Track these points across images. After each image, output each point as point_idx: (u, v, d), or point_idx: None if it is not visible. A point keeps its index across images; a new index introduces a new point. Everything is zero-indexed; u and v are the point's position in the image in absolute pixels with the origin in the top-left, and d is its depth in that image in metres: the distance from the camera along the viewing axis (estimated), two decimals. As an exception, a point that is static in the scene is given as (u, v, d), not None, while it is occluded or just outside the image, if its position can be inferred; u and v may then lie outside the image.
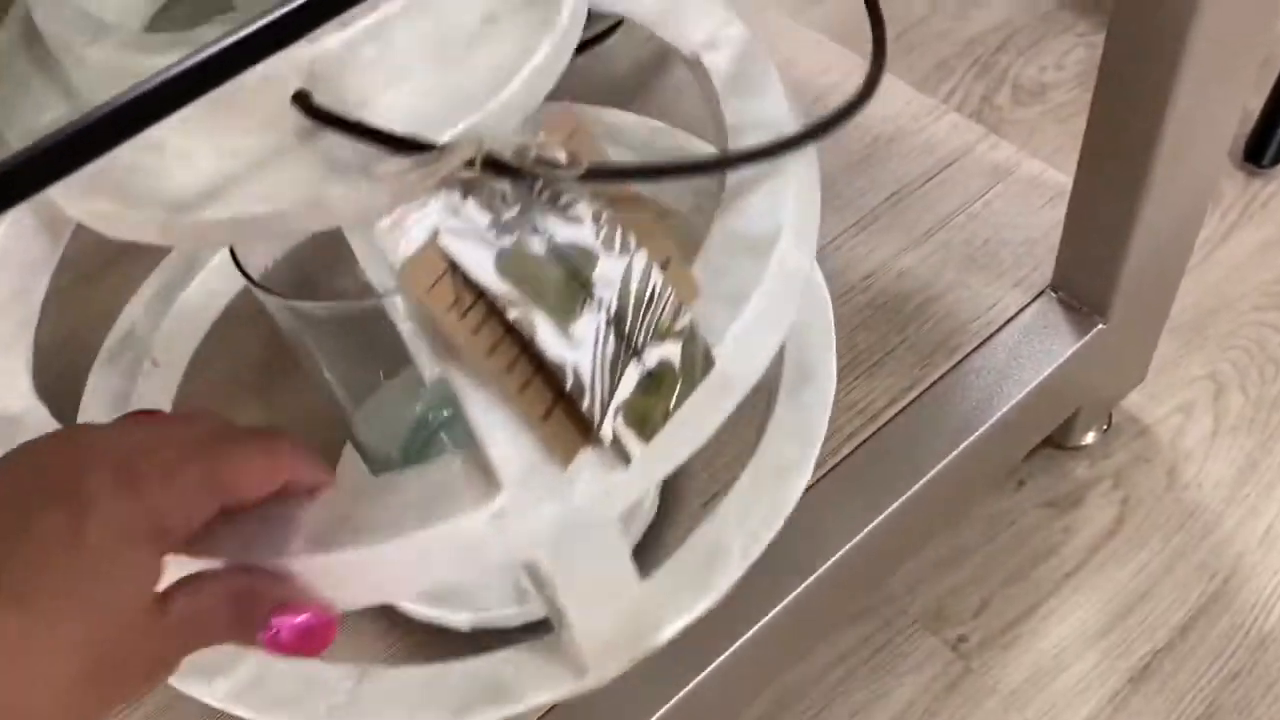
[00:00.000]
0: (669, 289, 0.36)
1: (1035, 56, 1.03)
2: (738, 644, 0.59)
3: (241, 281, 0.47)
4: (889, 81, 0.84)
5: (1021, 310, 0.68)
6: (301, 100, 0.34)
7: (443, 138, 0.34)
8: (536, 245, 0.34)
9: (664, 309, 0.36)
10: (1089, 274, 0.66)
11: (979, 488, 0.75)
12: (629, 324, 0.35)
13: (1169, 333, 0.81)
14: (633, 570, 0.46)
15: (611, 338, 0.35)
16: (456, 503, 0.39)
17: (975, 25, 1.06)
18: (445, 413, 0.57)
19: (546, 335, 0.34)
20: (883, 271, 0.69)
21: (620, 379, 0.35)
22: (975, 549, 0.76)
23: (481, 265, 0.33)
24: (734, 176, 0.43)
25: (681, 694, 0.58)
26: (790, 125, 0.45)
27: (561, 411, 0.35)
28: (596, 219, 0.35)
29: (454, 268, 0.33)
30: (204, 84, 0.29)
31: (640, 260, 0.35)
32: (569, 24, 0.39)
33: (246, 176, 0.36)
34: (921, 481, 0.63)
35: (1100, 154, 0.61)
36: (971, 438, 0.64)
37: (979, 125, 0.78)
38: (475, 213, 0.34)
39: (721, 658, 0.59)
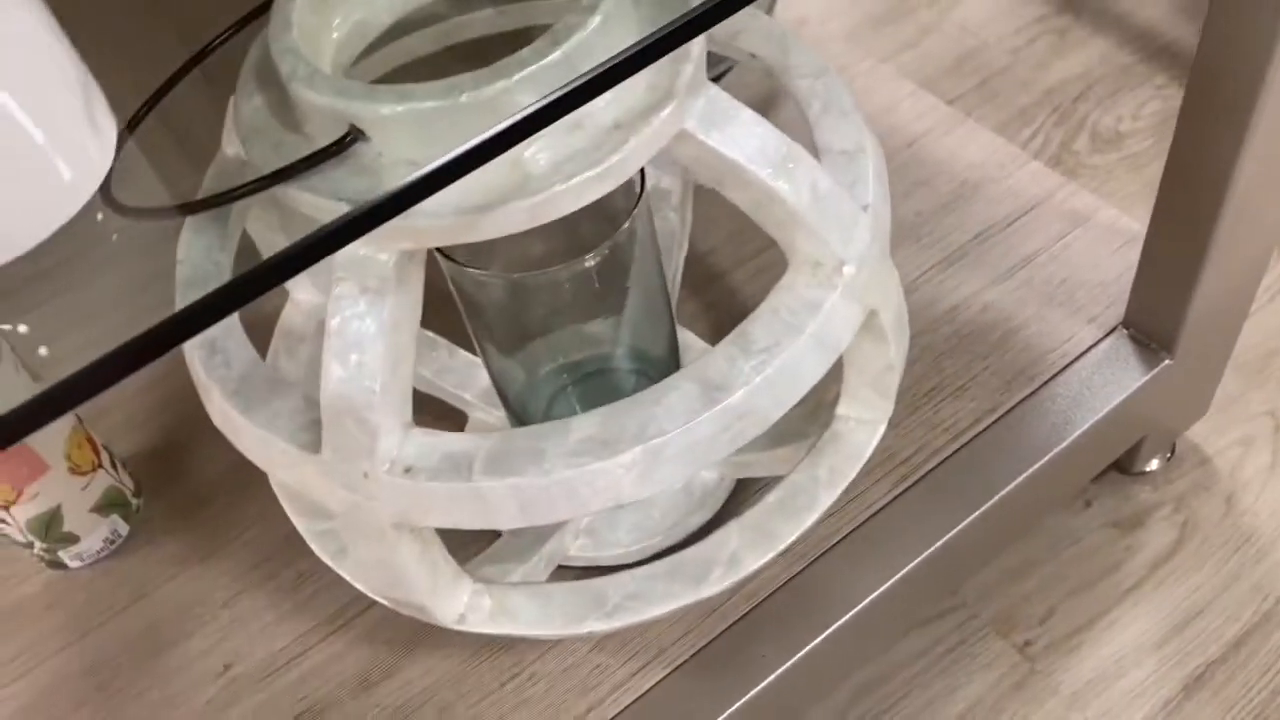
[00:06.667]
0: None
1: (1113, 106, 1.08)
2: (825, 634, 0.64)
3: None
4: (975, 129, 0.91)
5: (1095, 345, 0.73)
6: None
7: None
8: None
9: None
10: (1158, 313, 0.71)
11: (1050, 505, 0.80)
12: None
13: (1232, 370, 0.86)
14: None
15: None
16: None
17: (1056, 75, 1.11)
18: (580, 375, 0.61)
19: None
20: (969, 305, 0.75)
21: None
22: (1044, 562, 0.81)
23: None
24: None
25: (770, 679, 0.63)
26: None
27: None
28: None
29: None
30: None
31: None
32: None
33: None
34: (998, 496, 0.68)
35: (1174, 202, 0.64)
36: (1045, 458, 0.69)
37: (1058, 174, 0.84)
38: None
39: (808, 647, 0.64)
